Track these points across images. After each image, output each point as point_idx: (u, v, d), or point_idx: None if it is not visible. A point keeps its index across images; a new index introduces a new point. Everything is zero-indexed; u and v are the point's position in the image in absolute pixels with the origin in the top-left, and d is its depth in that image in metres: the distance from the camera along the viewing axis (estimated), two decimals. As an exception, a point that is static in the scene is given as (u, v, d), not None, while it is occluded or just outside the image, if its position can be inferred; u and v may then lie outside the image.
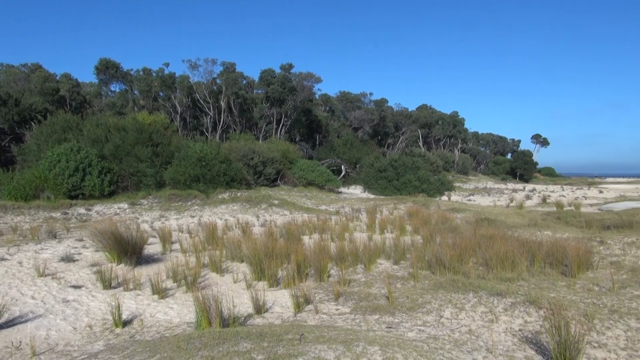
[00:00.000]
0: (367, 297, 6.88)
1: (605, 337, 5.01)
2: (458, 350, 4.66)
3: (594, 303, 6.12)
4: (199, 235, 12.52)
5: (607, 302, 6.13)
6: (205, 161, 23.74)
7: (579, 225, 13.87)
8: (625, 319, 5.37)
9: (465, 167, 64.78)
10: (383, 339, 4.60)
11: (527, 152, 76.53)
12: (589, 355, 4.63)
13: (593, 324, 5.27)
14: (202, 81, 38.17)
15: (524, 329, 5.33)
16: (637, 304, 6.04)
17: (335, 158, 38.37)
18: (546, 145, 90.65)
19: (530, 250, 8.74)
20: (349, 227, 14.15)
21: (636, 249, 9.77)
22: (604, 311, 5.69)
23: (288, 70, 39.85)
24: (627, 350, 4.68)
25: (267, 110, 38.51)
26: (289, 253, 8.99)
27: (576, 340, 4.29)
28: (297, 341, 4.33)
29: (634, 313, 5.55)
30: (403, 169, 33.31)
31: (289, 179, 29.94)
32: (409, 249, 10.34)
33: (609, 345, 4.83)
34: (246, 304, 6.77)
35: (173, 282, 7.92)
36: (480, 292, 6.50)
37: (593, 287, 7.12)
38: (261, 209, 19.68)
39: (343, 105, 54.31)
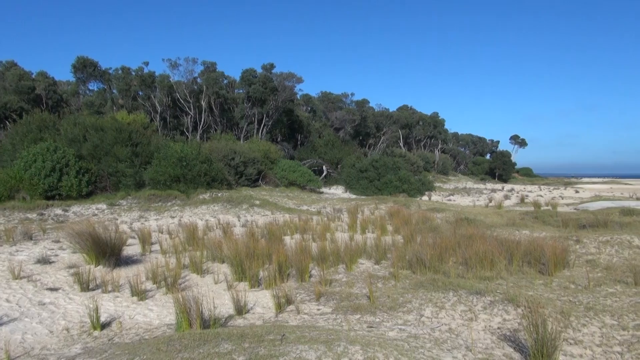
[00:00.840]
0: (349, 297, 6.90)
1: (581, 333, 5.11)
2: (438, 348, 4.71)
3: (571, 301, 6.25)
4: (179, 236, 12.40)
5: (583, 300, 6.26)
6: (185, 161, 23.52)
7: (556, 225, 14.13)
8: (600, 316, 5.49)
9: (445, 167, 65.46)
10: (364, 339, 4.62)
11: (506, 153, 77.72)
12: (566, 351, 4.72)
13: (569, 321, 5.38)
14: (183, 80, 37.82)
15: (502, 327, 5.41)
16: (611, 301, 6.19)
17: (316, 158, 38.39)
18: (524, 145, 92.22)
19: (508, 250, 8.88)
20: (330, 227, 14.17)
21: (610, 247, 10.00)
22: (580, 308, 5.81)
23: (269, 70, 39.74)
24: (602, 347, 4.79)
25: (249, 110, 38.33)
26: (270, 253, 8.97)
27: (553, 338, 4.37)
28: (278, 342, 4.33)
29: (609, 310, 5.68)
30: (384, 169, 33.50)
31: (270, 179, 29.85)
32: (390, 249, 10.40)
33: (584, 341, 4.93)
34: (227, 304, 6.73)
35: (153, 284, 7.83)
36: (460, 291, 6.57)
37: (569, 285, 7.26)
38: (242, 210, 19.58)
39: (324, 105, 54.38)
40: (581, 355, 4.66)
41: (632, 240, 10.29)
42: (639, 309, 5.67)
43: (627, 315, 5.45)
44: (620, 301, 6.15)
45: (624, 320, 5.32)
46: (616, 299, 6.30)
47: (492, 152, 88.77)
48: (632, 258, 9.15)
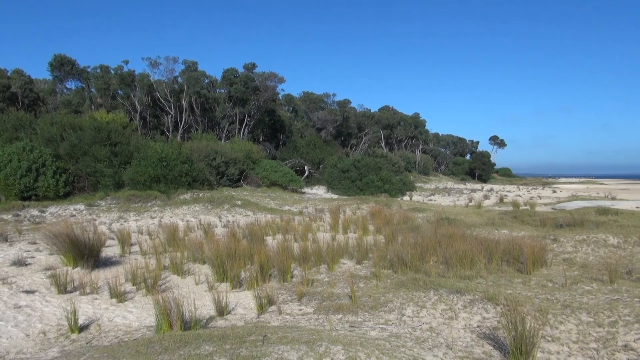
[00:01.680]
0: (331, 297, 6.91)
1: (558, 331, 5.21)
2: (419, 347, 4.74)
3: (548, 298, 6.36)
4: (160, 236, 12.26)
5: (560, 298, 6.38)
6: (166, 161, 23.26)
7: (534, 224, 14.37)
8: (577, 314, 5.60)
9: (426, 167, 66.01)
10: (346, 338, 4.63)
11: (485, 153, 78.73)
12: (544, 348, 4.81)
13: (547, 318, 5.48)
14: (163, 80, 37.36)
15: (482, 325, 5.48)
16: (587, 298, 6.32)
17: (298, 158, 38.35)
18: (503, 146, 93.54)
19: (488, 249, 8.99)
20: (312, 228, 14.17)
21: (587, 246, 10.22)
22: (557, 306, 5.92)
23: (251, 70, 39.55)
24: (578, 344, 4.89)
25: (230, 110, 38.10)
26: (252, 254, 8.93)
27: (531, 335, 4.44)
28: (260, 342, 4.31)
29: (585, 307, 5.80)
30: (366, 170, 33.63)
31: (252, 179, 29.71)
32: (371, 249, 10.45)
33: (562, 338, 5.02)
34: (208, 306, 6.68)
35: (132, 285, 7.73)
36: (441, 290, 6.64)
37: (547, 283, 7.39)
38: (224, 210, 19.46)
39: (306, 105, 54.35)
40: (558, 352, 4.75)
41: (607, 239, 10.53)
42: (614, 306, 5.80)
43: (602, 313, 5.57)
44: (596, 299, 6.28)
45: (599, 317, 5.43)
46: (592, 296, 6.44)
47: (472, 153, 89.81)
48: (608, 256, 9.36)
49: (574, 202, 26.66)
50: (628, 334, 4.94)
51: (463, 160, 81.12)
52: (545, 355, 4.68)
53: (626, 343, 4.77)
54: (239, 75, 37.95)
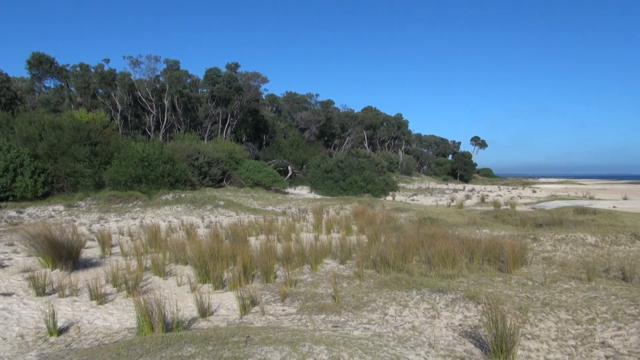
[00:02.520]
0: (314, 297, 6.91)
1: (538, 328, 5.29)
2: (402, 346, 4.77)
3: (528, 297, 6.45)
4: (141, 237, 12.12)
5: (540, 296, 6.48)
6: (147, 161, 22.99)
7: (515, 224, 14.57)
8: (556, 311, 5.70)
9: (409, 167, 66.47)
10: (329, 338, 4.64)
11: (467, 154, 79.58)
12: (524, 346, 4.88)
13: (527, 316, 5.56)
14: (145, 79, 36.95)
15: (464, 324, 5.53)
16: (566, 296, 6.43)
17: (282, 159, 38.28)
18: (484, 147, 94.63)
19: (469, 248, 9.09)
20: (295, 228, 14.16)
21: (565, 245, 10.40)
22: (537, 304, 6.01)
23: (234, 70, 39.36)
24: (557, 341, 4.97)
25: (213, 109, 37.85)
26: (235, 254, 8.88)
27: (512, 333, 4.50)
28: (242, 343, 4.29)
29: (564, 305, 5.90)
30: (349, 170, 33.71)
31: (235, 179, 29.56)
32: (354, 249, 10.48)
33: (541, 336, 5.10)
34: (191, 307, 6.62)
35: (113, 287, 7.62)
36: (423, 289, 6.69)
37: (527, 282, 7.50)
38: (206, 210, 19.32)
39: (290, 105, 54.30)
40: (538, 350, 4.82)
41: (585, 237, 10.73)
42: (592, 303, 5.91)
43: (580, 310, 5.67)
44: (575, 296, 6.40)
45: (578, 315, 5.54)
46: (571, 294, 6.55)
47: (454, 153, 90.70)
48: (586, 255, 9.54)
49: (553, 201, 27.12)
50: (605, 331, 5.04)
51: (445, 161, 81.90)
52: (525, 353, 4.75)
53: (603, 340, 4.86)
54: (222, 75, 37.73)
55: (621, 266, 7.98)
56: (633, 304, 5.73)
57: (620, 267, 7.99)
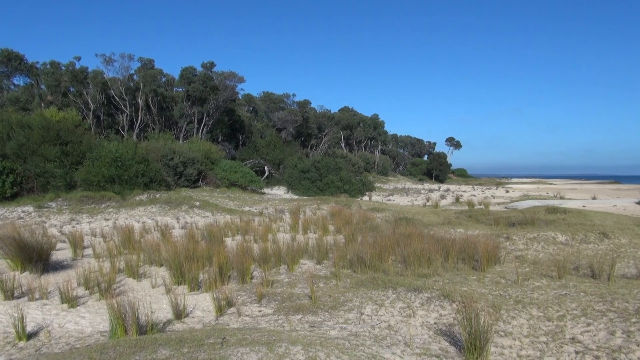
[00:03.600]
0: (290, 298, 6.90)
1: (510, 326, 5.39)
2: (378, 345, 4.80)
3: (501, 295, 6.57)
4: (114, 239, 11.90)
5: (513, 294, 6.60)
6: (121, 161, 22.59)
7: (488, 223, 14.83)
8: (528, 309, 5.82)
9: (385, 168, 66.96)
10: (306, 339, 4.64)
11: (442, 154, 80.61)
12: (497, 343, 4.97)
13: (500, 314, 5.66)
14: (118, 77, 36.28)
15: (439, 322, 5.60)
16: (538, 294, 6.57)
17: (258, 159, 38.10)
18: (459, 147, 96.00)
19: (444, 247, 9.21)
20: (272, 228, 14.11)
21: (537, 243, 10.63)
22: (510, 302, 6.13)
23: (210, 69, 38.99)
24: (529, 337, 5.08)
25: (188, 109, 37.42)
26: (210, 255, 8.80)
27: (485, 331, 4.58)
28: (218, 345, 4.25)
29: (536, 303, 6.03)
30: (326, 170, 33.77)
31: (211, 179, 29.29)
32: (331, 249, 10.50)
33: (514, 333, 5.20)
34: (165, 309, 6.53)
35: (85, 290, 7.47)
36: (399, 288, 6.74)
37: (500, 280, 7.64)
38: (182, 211, 19.09)
39: (266, 105, 54.09)
40: (511, 346, 4.92)
41: (556, 236, 10.99)
42: (562, 300, 6.06)
43: (551, 307, 5.80)
44: (546, 294, 6.55)
45: (549, 312, 5.66)
46: (542, 292, 6.70)
47: (429, 154, 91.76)
48: (557, 253, 9.77)
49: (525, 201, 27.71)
50: (575, 327, 5.17)
51: (421, 161, 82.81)
52: (498, 350, 4.84)
53: (573, 336, 4.99)
54: (198, 74, 37.35)
55: (590, 264, 8.20)
56: (601, 301, 5.90)
57: (590, 264, 8.20)
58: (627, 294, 6.23)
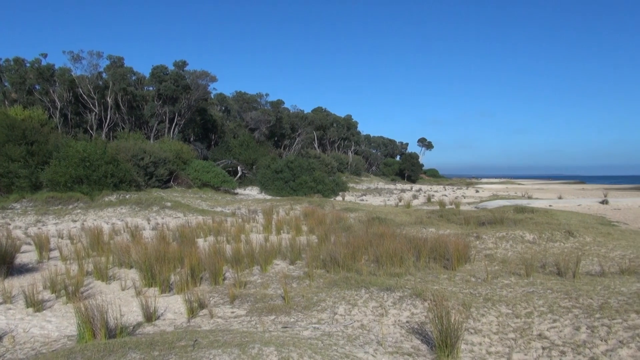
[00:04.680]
0: (263, 298, 6.87)
1: (480, 323, 5.50)
2: (351, 345, 4.83)
3: (471, 293, 6.70)
4: (82, 240, 11.62)
5: (482, 292, 6.74)
6: (89, 161, 22.04)
7: (459, 222, 15.08)
8: (497, 306, 5.94)
9: (358, 168, 67.36)
10: (279, 339, 4.62)
11: (414, 155, 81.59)
12: (467, 340, 5.06)
13: (470, 312, 5.76)
14: (86, 75, 35.39)
15: (411, 321, 5.67)
16: (507, 291, 6.72)
17: (231, 159, 37.78)
18: (430, 148, 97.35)
19: (416, 247, 9.33)
20: (245, 229, 14.02)
21: (506, 242, 10.87)
22: (480, 300, 6.25)
23: (182, 68, 38.44)
24: (498, 334, 5.19)
25: (159, 108, 36.82)
26: (182, 257, 8.69)
27: (456, 328, 4.65)
28: (190, 347, 4.20)
29: (504, 300, 6.17)
30: (299, 170, 33.74)
31: (182, 180, 28.89)
32: (304, 249, 10.50)
33: (483, 330, 5.31)
34: (135, 312, 6.41)
35: (51, 293, 7.26)
36: (372, 287, 6.79)
37: (470, 278, 7.78)
38: (152, 212, 18.77)
39: (239, 105, 53.67)
40: (480, 343, 5.01)
41: (524, 235, 11.26)
42: (530, 298, 6.21)
43: (520, 304, 5.94)
44: (514, 291, 6.70)
45: (517, 309, 5.80)
46: (511, 289, 6.86)
47: (401, 154, 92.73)
48: (524, 252, 10.02)
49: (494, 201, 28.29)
50: (542, 324, 5.31)
51: (393, 162, 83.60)
52: (468, 347, 4.93)
53: (540, 332, 5.12)
54: (169, 73, 36.78)
55: (556, 262, 8.43)
56: (567, 297, 6.07)
57: (556, 262, 8.44)
58: (591, 290, 6.43)
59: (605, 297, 5.96)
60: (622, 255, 9.33)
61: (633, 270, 8.00)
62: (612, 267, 8.36)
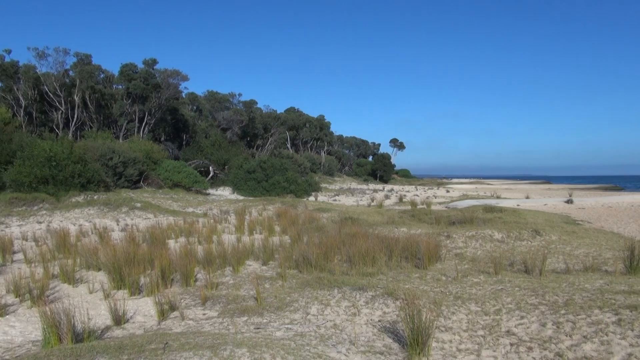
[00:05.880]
0: (236, 300, 6.82)
1: (451, 321, 5.59)
2: (324, 345, 4.84)
3: (442, 291, 6.80)
4: (48, 243, 11.30)
5: (453, 290, 6.85)
6: (55, 161, 21.44)
7: (430, 222, 15.30)
8: (467, 304, 6.05)
9: (331, 168, 67.53)
10: (251, 341, 4.60)
11: (386, 155, 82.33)
12: (438, 338, 5.13)
13: (441, 310, 5.85)
14: (52, 72, 34.41)
15: (383, 320, 5.72)
16: (476, 289, 6.85)
17: (203, 159, 37.35)
18: (402, 148, 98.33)
19: (388, 246, 9.41)
20: (217, 230, 13.88)
21: (475, 241, 11.08)
22: (450, 298, 6.35)
23: (152, 66, 37.79)
24: (468, 332, 5.28)
25: (129, 107, 36.10)
26: (152, 258, 8.53)
27: (427, 326, 4.72)
28: (160, 351, 4.13)
29: (474, 298, 6.29)
30: (272, 171, 33.61)
31: (153, 180, 28.41)
32: (277, 249, 10.47)
33: (454, 328, 5.40)
34: (104, 315, 6.27)
35: (15, 297, 7.03)
36: (344, 287, 6.82)
37: (441, 277, 7.90)
38: (122, 213, 18.39)
39: (211, 105, 53.11)
40: (451, 341, 5.10)
41: (493, 234, 11.51)
42: (498, 295, 6.34)
43: (489, 302, 6.07)
44: (484, 289, 6.84)
45: (486, 307, 5.92)
46: (480, 287, 6.99)
47: (374, 155, 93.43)
48: (493, 250, 10.23)
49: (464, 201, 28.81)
50: (510, 320, 5.43)
51: (366, 162, 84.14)
52: (439, 345, 5.00)
53: (509, 329, 5.24)
54: (139, 71, 36.11)
55: (524, 260, 8.65)
56: (534, 294, 6.23)
57: (523, 260, 8.65)
58: (557, 287, 6.62)
59: (570, 293, 6.14)
60: (586, 253, 9.64)
61: (596, 267, 8.28)
62: (576, 265, 8.63)
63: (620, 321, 4.92)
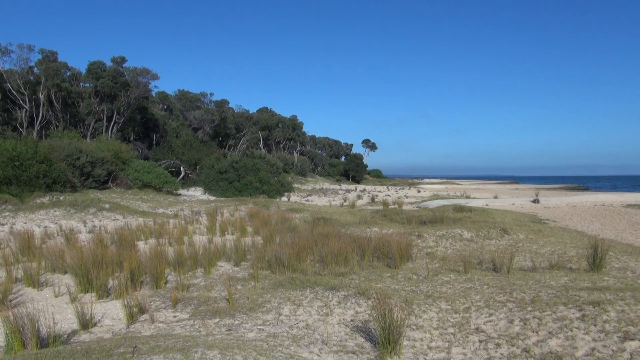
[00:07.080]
0: (207, 301, 6.75)
1: (422, 319, 5.66)
2: (296, 345, 4.83)
3: (413, 290, 6.89)
4: (11, 245, 10.93)
5: (423, 289, 6.94)
6: (19, 161, 20.77)
7: (402, 222, 15.46)
8: (438, 302, 6.14)
9: (303, 169, 67.52)
10: (223, 342, 4.55)
11: (359, 156, 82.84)
12: (409, 336, 5.19)
13: (412, 309, 5.93)
14: (15, 69, 33.29)
15: (355, 319, 5.75)
16: (446, 288, 6.97)
17: (173, 159, 36.79)
18: (374, 149, 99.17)
19: (361, 246, 9.47)
20: (188, 231, 13.70)
21: (446, 240, 11.26)
22: (421, 297, 6.43)
23: (120, 64, 36.99)
24: (438, 330, 5.36)
25: (96, 106, 35.24)
26: (121, 260, 8.36)
27: (398, 325, 4.77)
28: (129, 354, 4.05)
29: (444, 296, 6.39)
30: (244, 171, 33.37)
31: (122, 180, 27.82)
32: (249, 250, 10.40)
33: (424, 326, 5.47)
34: (70, 319, 6.11)
35: (-24, 302, 6.78)
36: (317, 287, 6.83)
37: (412, 276, 8.00)
38: (89, 214, 17.94)
39: (182, 104, 52.37)
40: (422, 339, 5.17)
41: (462, 233, 11.71)
42: (468, 293, 6.46)
43: (458, 300, 6.18)
44: (454, 288, 6.95)
45: (456, 305, 6.02)
46: (450, 286, 7.11)
47: (346, 155, 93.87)
48: (463, 249, 10.42)
49: (435, 200, 29.23)
50: (479, 318, 5.54)
51: (338, 162, 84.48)
52: (410, 343, 5.06)
53: (478, 326, 5.34)
54: (107, 69, 35.29)
55: (492, 258, 8.83)
56: (502, 292, 6.37)
57: (492, 259, 8.84)
58: (524, 285, 6.79)
59: (536, 291, 6.30)
60: (551, 251, 9.92)
61: (561, 265, 8.53)
62: (542, 263, 8.87)
63: (584, 317, 5.08)
